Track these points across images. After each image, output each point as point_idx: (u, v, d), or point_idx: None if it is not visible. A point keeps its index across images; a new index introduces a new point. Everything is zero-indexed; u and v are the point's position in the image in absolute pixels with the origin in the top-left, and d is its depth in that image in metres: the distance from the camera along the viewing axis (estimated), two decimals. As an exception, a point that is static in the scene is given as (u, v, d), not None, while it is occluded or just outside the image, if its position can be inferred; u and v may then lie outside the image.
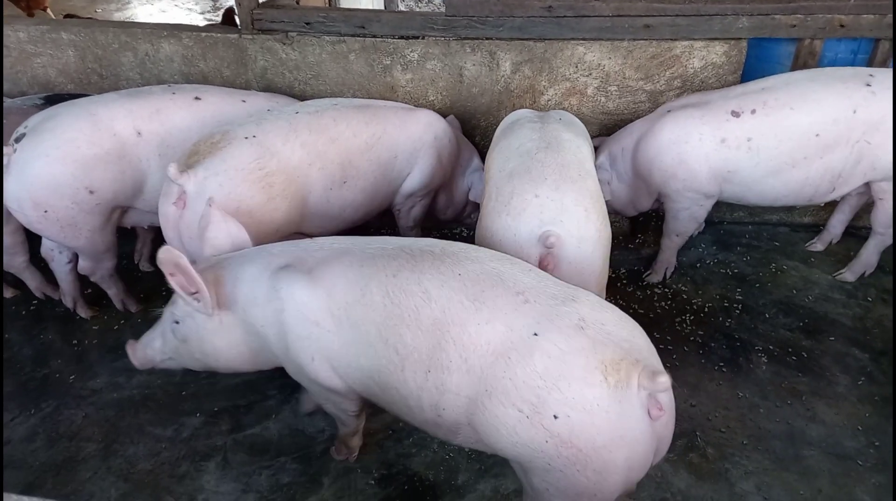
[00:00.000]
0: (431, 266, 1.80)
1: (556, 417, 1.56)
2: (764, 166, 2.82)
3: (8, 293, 3.13)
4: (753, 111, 2.78)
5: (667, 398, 1.62)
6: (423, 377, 1.73)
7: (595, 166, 2.67)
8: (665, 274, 3.29)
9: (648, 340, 1.76)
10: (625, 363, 1.58)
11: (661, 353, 2.81)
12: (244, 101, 2.93)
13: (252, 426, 2.53)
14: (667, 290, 3.24)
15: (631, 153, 3.06)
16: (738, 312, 3.10)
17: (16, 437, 2.43)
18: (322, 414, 2.59)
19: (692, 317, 3.07)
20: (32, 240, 2.88)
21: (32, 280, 3.02)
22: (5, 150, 2.45)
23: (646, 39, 3.21)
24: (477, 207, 3.22)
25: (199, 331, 2.02)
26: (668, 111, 2.98)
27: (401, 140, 2.88)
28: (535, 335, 1.62)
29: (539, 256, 2.20)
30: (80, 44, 3.27)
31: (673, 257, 3.27)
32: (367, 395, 1.97)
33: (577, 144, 2.57)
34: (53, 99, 2.89)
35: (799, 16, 3.12)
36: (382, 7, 6.73)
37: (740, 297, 3.19)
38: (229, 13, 5.15)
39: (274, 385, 2.70)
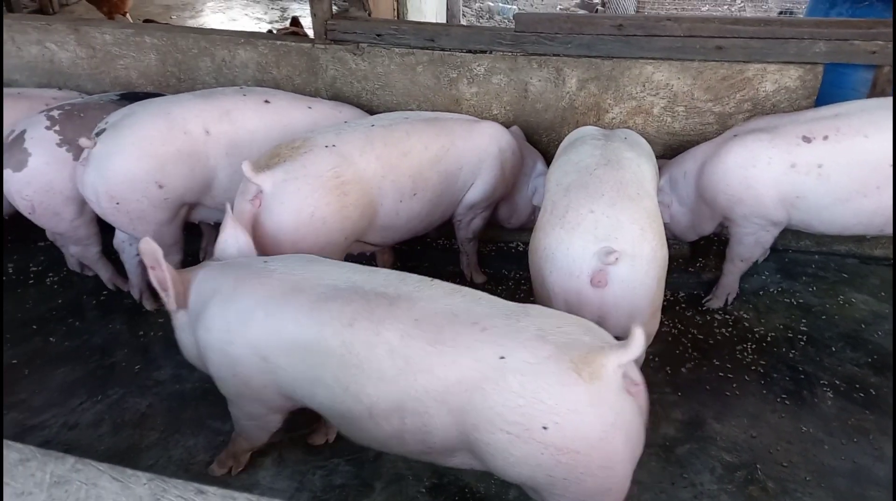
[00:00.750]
0: (388, 313, 1.75)
1: (545, 428, 1.57)
2: (834, 194, 2.73)
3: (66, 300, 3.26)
4: (826, 137, 2.71)
5: (637, 374, 1.68)
6: (400, 423, 1.73)
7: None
8: (726, 300, 3.22)
9: (604, 331, 1.79)
10: (592, 354, 1.60)
11: (721, 380, 2.80)
12: (310, 107, 3.02)
13: (307, 425, 2.57)
14: (727, 316, 3.17)
15: (694, 177, 3.01)
16: (802, 343, 3.00)
17: (83, 422, 2.53)
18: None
19: (754, 346, 2.99)
20: (105, 232, 3.00)
21: (105, 271, 3.14)
22: (87, 142, 2.56)
23: (717, 61, 3.17)
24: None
25: (175, 324, 2.11)
26: (735, 135, 2.93)
27: (467, 151, 2.91)
28: (502, 358, 1.63)
29: (592, 271, 2.19)
30: (161, 48, 3.41)
31: (735, 283, 3.19)
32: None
33: (639, 163, 2.54)
34: (129, 96, 3.02)
35: (879, 42, 3.03)
36: (444, 20, 6.82)
37: (805, 328, 3.09)
38: (295, 21, 5.31)
39: (329, 388, 2.74)
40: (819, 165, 2.70)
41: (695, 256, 3.43)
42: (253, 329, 1.85)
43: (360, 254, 3.10)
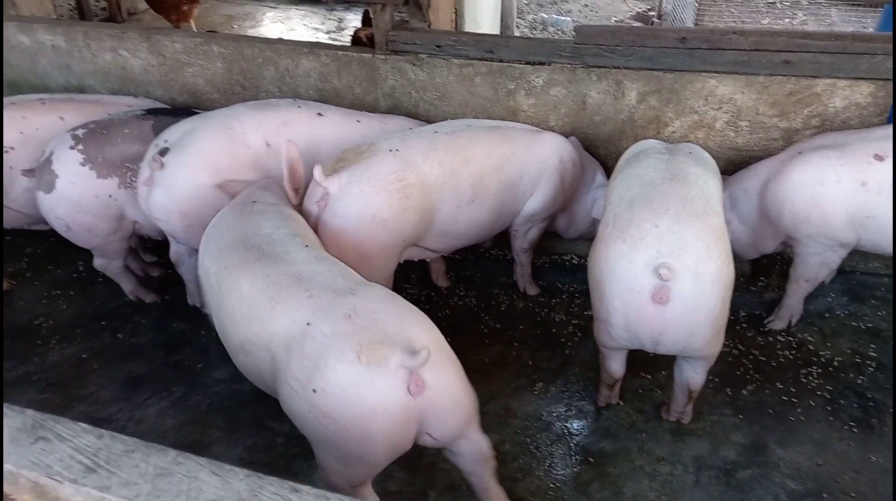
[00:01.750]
0: (250, 266, 2.05)
1: (314, 391, 1.76)
2: None
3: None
4: None
5: (436, 377, 1.80)
6: (245, 358, 2.02)
7: None
8: (790, 322, 3.12)
9: (432, 330, 1.93)
10: (383, 345, 1.75)
11: (784, 405, 2.72)
12: (359, 121, 3.07)
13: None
14: (791, 339, 3.07)
15: (756, 194, 2.94)
16: (871, 369, 2.89)
17: (148, 416, 2.61)
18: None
19: (819, 371, 2.89)
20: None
21: (127, 284, 3.20)
22: (152, 164, 2.62)
23: (784, 75, 3.09)
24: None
25: None
26: (800, 152, 2.85)
27: (528, 161, 2.92)
28: (308, 324, 1.83)
29: (653, 288, 2.15)
30: (228, 56, 3.52)
31: (799, 304, 3.09)
32: None
33: (705, 179, 2.50)
34: (154, 111, 3.08)
35: (959, 58, 2.91)
36: (499, 31, 6.84)
37: (874, 354, 2.97)
38: (358, 36, 5.41)
39: (383, 394, 2.76)
40: (892, 184, 2.61)
41: (756, 274, 3.34)
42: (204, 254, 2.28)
43: (409, 262, 3.13)
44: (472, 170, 2.71)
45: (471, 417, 2.02)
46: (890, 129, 2.79)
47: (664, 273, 2.09)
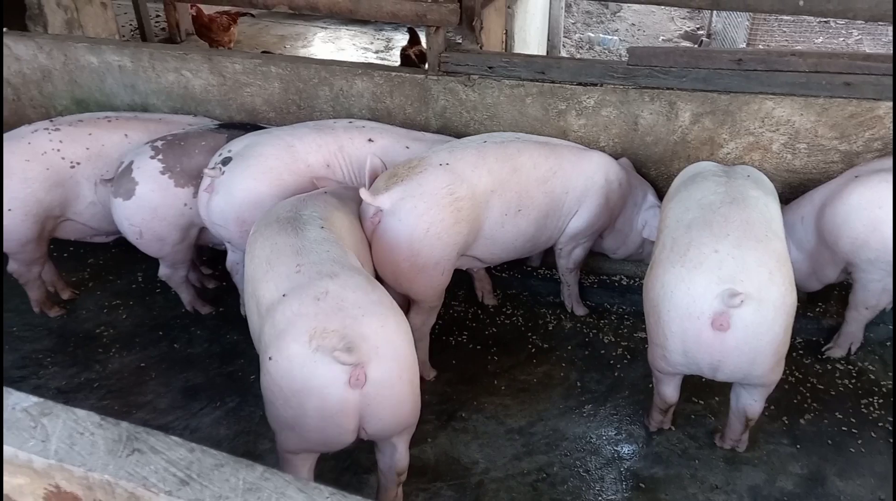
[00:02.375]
0: (270, 233, 2.26)
1: (270, 358, 1.92)
2: None
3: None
4: None
5: (381, 375, 1.89)
6: (257, 317, 2.14)
7: None
8: (849, 349, 3.03)
9: (395, 330, 1.99)
10: (335, 334, 1.86)
11: (844, 435, 2.64)
12: (408, 147, 3.11)
13: (410, 447, 2.59)
14: (851, 367, 2.98)
15: (813, 221, 2.89)
16: (936, 401, 2.79)
17: (203, 426, 2.68)
18: (477, 446, 2.62)
19: (881, 401, 2.80)
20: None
21: (187, 294, 3.30)
22: (212, 172, 2.74)
23: (844, 97, 3.03)
24: (652, 244, 3.17)
25: None
26: (857, 176, 2.79)
27: (574, 177, 2.94)
28: (284, 296, 1.99)
29: (713, 313, 2.11)
30: (285, 77, 3.62)
31: (860, 331, 3.01)
32: None
33: (765, 202, 2.46)
34: (226, 125, 3.21)
35: None
36: (545, 51, 6.87)
37: (939, 384, 2.86)
38: (406, 53, 5.50)
39: (432, 411, 2.78)
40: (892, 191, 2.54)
41: (813, 300, 3.26)
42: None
43: (462, 276, 3.16)
44: (519, 179, 2.77)
45: (406, 425, 2.09)
46: None
47: (733, 301, 2.04)
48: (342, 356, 1.81)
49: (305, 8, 3.44)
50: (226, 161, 2.79)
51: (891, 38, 7.92)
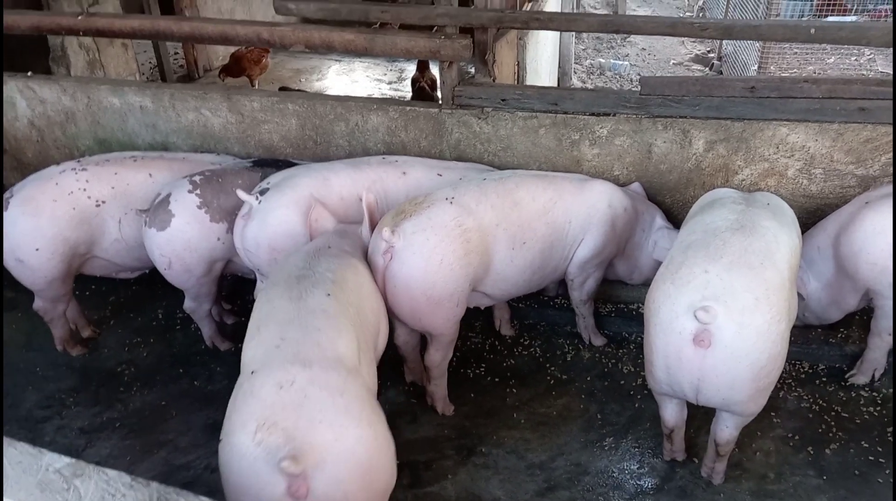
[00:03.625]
0: (278, 292, 2.20)
1: (220, 439, 1.83)
2: None
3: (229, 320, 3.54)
4: None
5: (328, 489, 1.73)
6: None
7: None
8: (873, 376, 2.98)
9: (355, 444, 1.80)
10: (282, 434, 1.72)
11: (870, 466, 2.59)
12: (440, 174, 3.19)
13: (431, 483, 2.60)
14: (875, 394, 2.93)
15: (830, 250, 2.87)
16: (965, 428, 2.73)
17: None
18: (498, 482, 2.60)
19: (908, 429, 2.74)
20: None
21: (208, 329, 3.33)
22: (249, 197, 2.83)
23: (860, 122, 3.03)
24: None
25: None
26: (867, 202, 2.78)
27: (575, 206, 2.98)
28: (252, 373, 1.90)
29: (694, 330, 2.12)
30: (302, 114, 3.69)
31: (884, 357, 2.96)
32: None
33: (776, 233, 2.44)
34: (260, 162, 3.30)
35: None
36: (556, 80, 6.93)
37: (967, 411, 2.80)
38: (421, 86, 5.56)
39: (452, 445, 2.77)
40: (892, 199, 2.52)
41: (835, 326, 3.21)
42: None
43: (478, 309, 3.16)
44: (520, 212, 2.81)
45: None
46: None
47: (701, 315, 2.08)
48: (285, 462, 1.66)
49: (321, 47, 3.52)
50: (263, 191, 2.89)
51: (904, 56, 7.89)
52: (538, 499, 2.53)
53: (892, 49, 3.07)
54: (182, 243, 2.95)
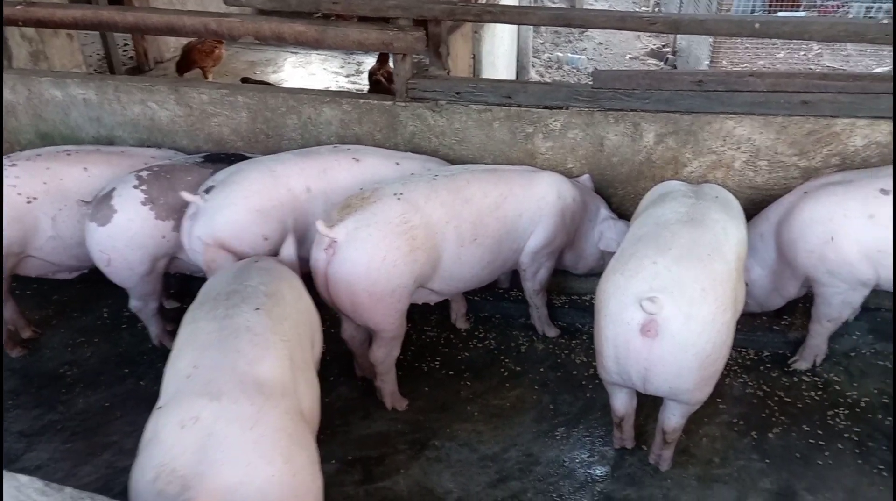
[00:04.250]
0: (203, 312, 2.08)
1: (130, 472, 1.71)
2: None
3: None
4: None
5: None
6: None
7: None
8: (814, 362, 3.07)
9: (273, 482, 1.67)
10: (179, 480, 1.60)
11: (812, 448, 2.67)
12: (398, 163, 3.14)
13: (382, 478, 2.59)
14: (817, 379, 3.02)
15: (772, 238, 2.96)
16: (901, 411, 2.83)
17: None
18: (451, 475, 2.61)
19: (846, 412, 2.84)
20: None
21: (156, 328, 3.24)
22: (193, 197, 2.73)
23: (803, 115, 3.11)
24: (610, 256, 3.22)
25: None
26: (806, 192, 2.87)
27: (526, 199, 2.99)
28: (159, 408, 1.79)
29: (641, 320, 2.17)
30: (253, 107, 3.62)
31: (824, 344, 3.05)
32: None
33: (725, 225, 2.50)
34: (212, 157, 3.20)
35: (979, 96, 2.91)
36: (515, 74, 6.96)
37: (903, 394, 2.91)
38: (377, 78, 5.51)
39: (405, 440, 2.76)
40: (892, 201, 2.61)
41: (779, 313, 3.30)
42: None
43: (428, 304, 3.15)
44: (471, 209, 2.80)
45: None
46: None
47: (647, 305, 2.11)
48: None
49: (272, 38, 3.45)
50: (209, 190, 2.82)
51: (850, 52, 8.16)
52: (490, 491, 2.53)
53: (835, 43, 3.14)
54: (124, 239, 2.86)
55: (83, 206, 2.95)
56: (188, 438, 1.64)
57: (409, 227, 2.58)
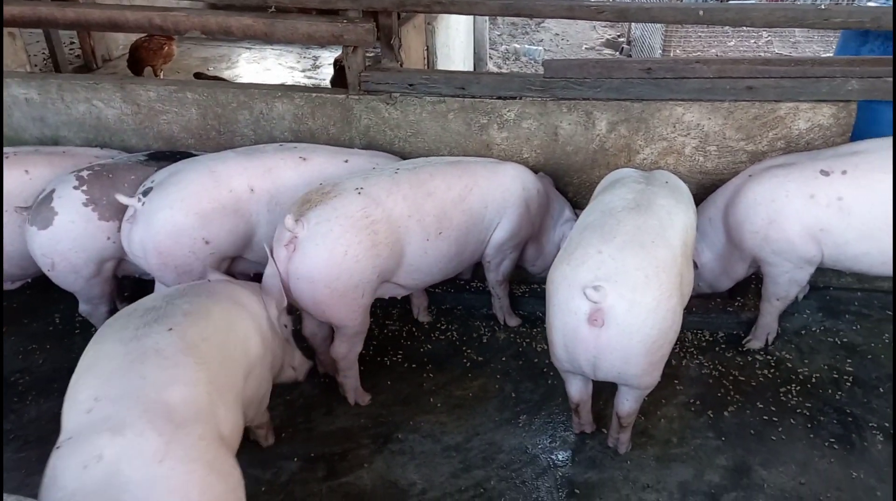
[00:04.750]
0: (112, 332, 1.96)
1: None
2: (857, 229, 2.71)
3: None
4: (844, 172, 2.73)
5: None
6: None
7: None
8: (767, 340, 3.16)
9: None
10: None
11: (766, 425, 2.75)
12: (346, 161, 3.10)
13: (346, 473, 2.58)
14: (769, 358, 3.11)
15: (720, 222, 3.03)
16: (849, 385, 2.93)
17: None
18: (414, 467, 2.61)
19: (798, 388, 2.93)
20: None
21: None
22: (129, 200, 2.66)
23: (748, 100, 3.18)
24: None
25: None
26: (750, 175, 2.95)
27: (490, 191, 2.98)
28: (58, 448, 1.68)
29: (588, 309, 2.20)
30: (202, 103, 3.54)
31: (774, 322, 3.14)
32: None
33: (670, 210, 2.52)
34: (156, 155, 3.12)
35: (914, 78, 3.01)
36: (472, 66, 6.96)
37: (851, 368, 3.02)
38: (342, 65, 5.41)
39: (368, 435, 2.75)
40: (839, 198, 2.70)
41: (733, 294, 3.39)
42: None
43: (391, 299, 3.14)
44: (434, 202, 2.78)
45: None
46: (838, 149, 2.93)
47: (591, 294, 2.14)
48: None
49: (219, 32, 3.38)
50: (147, 191, 2.73)
51: (798, 39, 8.36)
52: (453, 480, 2.55)
53: (780, 29, 3.21)
54: (66, 242, 2.77)
55: (21, 213, 2.85)
56: (91, 480, 1.53)
57: (371, 222, 2.56)
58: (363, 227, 2.53)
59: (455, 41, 6.10)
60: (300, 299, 2.55)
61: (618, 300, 2.16)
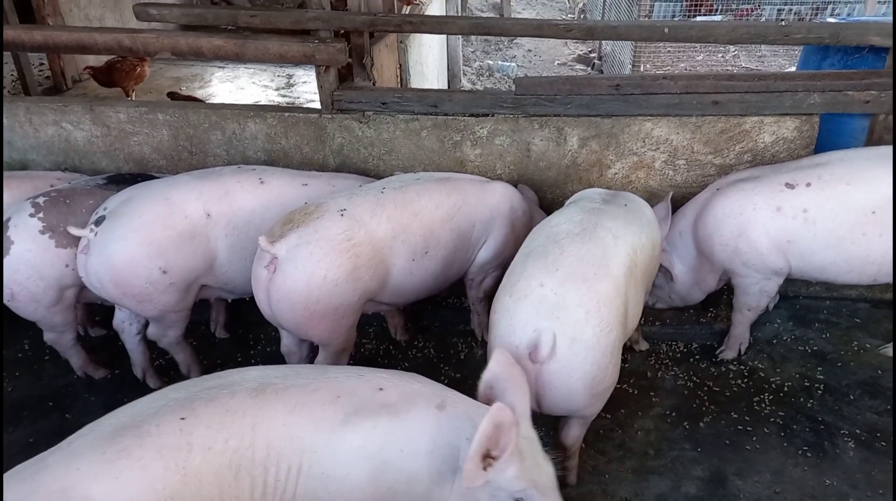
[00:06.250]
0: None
1: None
2: (822, 239, 2.77)
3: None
4: (808, 184, 2.79)
5: None
6: None
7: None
8: (740, 350, 3.20)
9: None
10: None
11: (740, 434, 2.78)
12: (305, 184, 3.01)
13: None
14: (742, 367, 3.15)
15: (690, 235, 3.07)
16: (820, 392, 2.98)
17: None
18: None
19: (771, 397, 2.97)
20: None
21: (77, 359, 3.10)
22: (80, 232, 2.60)
23: (715, 115, 3.25)
24: None
25: None
26: (718, 189, 3.00)
27: (479, 210, 2.96)
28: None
29: (528, 346, 2.14)
30: (174, 124, 3.52)
31: (746, 332, 3.19)
32: None
33: (618, 236, 2.40)
34: (115, 179, 3.04)
35: (872, 92, 3.11)
36: (446, 83, 7.02)
37: (822, 376, 3.07)
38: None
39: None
40: (804, 210, 2.76)
41: (706, 306, 3.43)
42: None
43: (373, 314, 3.13)
44: (422, 222, 2.74)
45: None
46: (801, 161, 3.00)
47: (536, 355, 2.11)
48: None
49: (189, 54, 3.37)
50: (99, 221, 2.64)
51: (764, 53, 8.58)
52: (432, 500, 2.52)
53: (742, 45, 3.29)
54: (24, 271, 2.70)
55: None
56: None
57: (353, 244, 2.51)
58: (344, 250, 2.49)
59: (428, 58, 6.16)
60: (281, 320, 2.53)
61: (559, 338, 2.12)
